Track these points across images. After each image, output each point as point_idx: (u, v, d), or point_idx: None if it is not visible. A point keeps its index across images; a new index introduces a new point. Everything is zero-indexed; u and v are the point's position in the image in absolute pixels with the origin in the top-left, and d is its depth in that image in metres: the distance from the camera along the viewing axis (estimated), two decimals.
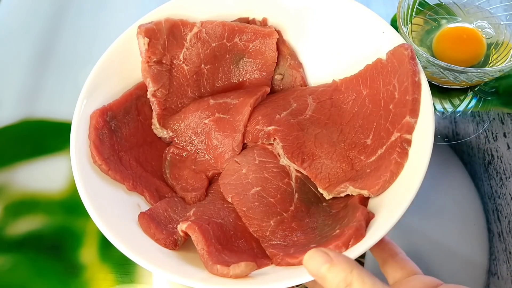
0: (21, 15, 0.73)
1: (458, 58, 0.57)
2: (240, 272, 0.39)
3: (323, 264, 0.33)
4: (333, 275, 0.33)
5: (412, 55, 0.43)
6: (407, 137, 0.42)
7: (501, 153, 0.56)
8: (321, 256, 0.33)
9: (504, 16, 0.59)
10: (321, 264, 0.33)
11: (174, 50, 0.50)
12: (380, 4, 0.68)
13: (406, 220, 0.43)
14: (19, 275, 0.54)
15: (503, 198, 0.54)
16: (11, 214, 0.58)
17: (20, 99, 0.66)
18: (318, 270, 0.33)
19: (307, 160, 0.46)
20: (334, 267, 0.33)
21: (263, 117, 0.48)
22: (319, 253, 0.33)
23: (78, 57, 0.69)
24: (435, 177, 0.55)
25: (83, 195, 0.42)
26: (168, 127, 0.50)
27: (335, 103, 0.49)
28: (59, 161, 0.60)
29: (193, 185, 0.48)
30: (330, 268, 0.33)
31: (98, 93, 0.47)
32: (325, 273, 0.33)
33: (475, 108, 0.60)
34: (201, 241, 0.40)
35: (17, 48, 0.70)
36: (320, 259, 0.33)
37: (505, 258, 0.51)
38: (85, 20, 0.72)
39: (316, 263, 0.33)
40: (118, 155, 0.46)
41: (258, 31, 0.51)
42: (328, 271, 0.33)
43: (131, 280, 0.53)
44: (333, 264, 0.33)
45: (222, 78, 0.53)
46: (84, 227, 0.56)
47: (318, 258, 0.33)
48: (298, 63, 0.53)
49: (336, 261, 0.33)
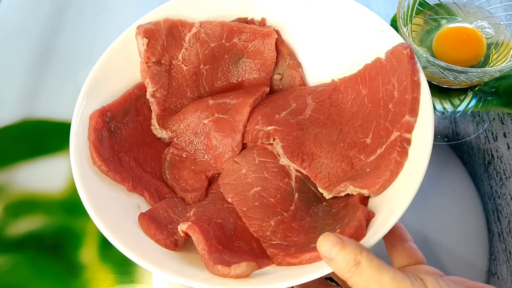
0: (21, 15, 0.73)
1: (458, 58, 0.57)
2: (241, 272, 0.39)
3: (334, 246, 0.35)
4: (343, 256, 0.35)
5: (411, 54, 0.43)
6: (407, 136, 0.42)
7: (501, 153, 0.56)
8: (334, 238, 0.35)
9: (504, 16, 0.59)
10: (333, 246, 0.35)
11: (173, 51, 0.50)
12: (380, 4, 0.68)
13: (406, 220, 0.43)
14: (19, 275, 0.54)
15: (503, 198, 0.54)
16: (11, 214, 0.58)
17: (20, 99, 0.66)
18: (330, 251, 0.35)
19: (307, 160, 0.46)
20: (344, 249, 0.35)
21: (262, 117, 0.48)
22: (332, 236, 0.36)
23: (78, 57, 0.69)
24: (435, 177, 0.55)
25: (83, 196, 0.42)
26: (167, 128, 0.50)
27: (335, 103, 0.49)
28: (59, 161, 0.60)
29: (193, 186, 0.48)
30: (341, 249, 0.35)
31: (97, 94, 0.47)
32: (336, 254, 0.35)
33: (475, 108, 0.60)
34: (201, 242, 0.40)
35: (17, 48, 0.70)
36: (333, 241, 0.35)
37: (505, 258, 0.51)
38: (85, 20, 0.72)
39: (329, 245, 0.35)
40: (118, 155, 0.46)
41: (257, 31, 0.51)
42: (338, 253, 0.35)
43: (131, 280, 0.53)
44: (344, 245, 0.35)
45: (221, 78, 0.53)
46: (84, 227, 0.56)
47: (331, 240, 0.35)
48: (297, 63, 0.53)
49: (347, 243, 0.35)
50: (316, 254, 0.38)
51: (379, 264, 0.34)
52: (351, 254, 0.34)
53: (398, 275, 0.34)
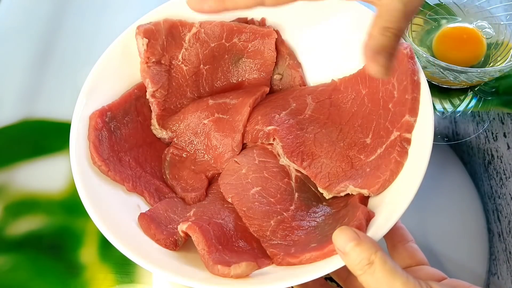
0: (21, 15, 0.73)
1: (458, 58, 0.57)
2: (241, 272, 0.39)
3: (350, 241, 0.34)
4: (358, 253, 0.34)
5: (411, 54, 0.43)
6: (407, 136, 0.42)
7: (501, 153, 0.56)
8: (351, 233, 0.35)
9: (504, 16, 0.59)
10: (349, 240, 0.34)
11: (173, 51, 0.50)
12: None
13: (406, 220, 0.43)
14: (19, 275, 0.54)
15: (503, 198, 0.54)
16: (11, 214, 0.58)
17: (20, 99, 0.66)
18: (345, 245, 0.34)
19: (307, 160, 0.46)
20: (360, 245, 0.34)
21: (262, 117, 0.48)
22: (349, 230, 0.35)
23: (78, 57, 0.68)
24: (435, 177, 0.55)
25: (83, 196, 0.42)
26: (167, 128, 0.50)
27: (334, 103, 0.49)
28: (59, 161, 0.60)
29: (193, 186, 0.48)
30: (356, 245, 0.34)
31: (97, 94, 0.47)
32: (350, 250, 0.34)
33: (475, 108, 0.60)
34: (201, 242, 0.40)
35: (17, 48, 0.70)
36: (350, 235, 0.35)
37: (505, 258, 0.51)
38: (85, 20, 0.72)
39: (345, 239, 0.35)
40: (118, 155, 0.46)
41: (257, 31, 0.51)
42: (353, 249, 0.34)
43: (131, 280, 0.53)
44: (360, 242, 0.34)
45: (221, 78, 0.53)
46: (84, 227, 0.56)
47: (348, 234, 0.35)
48: (297, 63, 0.53)
49: (364, 240, 0.34)
50: (316, 254, 0.38)
51: (392, 267, 0.34)
52: (366, 252, 0.34)
53: (410, 282, 0.34)
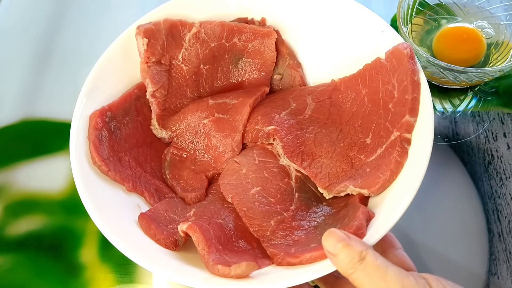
0: (21, 15, 0.73)
1: (458, 58, 0.57)
2: (241, 272, 0.39)
3: (339, 242, 0.35)
4: (348, 252, 0.34)
5: (411, 54, 0.43)
6: (407, 136, 0.42)
7: (501, 153, 0.56)
8: (340, 234, 0.35)
9: (504, 16, 0.59)
10: (338, 241, 0.35)
11: (173, 51, 0.50)
12: (380, 4, 0.68)
13: (406, 220, 0.43)
14: (19, 275, 0.54)
15: (503, 198, 0.54)
16: (11, 214, 0.58)
17: (20, 99, 0.66)
18: (335, 247, 0.35)
19: (307, 160, 0.46)
20: (349, 246, 0.34)
21: (262, 117, 0.48)
22: (338, 232, 0.35)
23: (78, 57, 0.68)
24: (435, 177, 0.55)
25: (83, 196, 0.42)
26: (167, 128, 0.50)
27: (335, 103, 0.49)
28: (59, 161, 0.60)
29: (193, 186, 0.48)
30: (345, 246, 0.34)
31: (97, 94, 0.47)
32: (340, 250, 0.34)
33: (475, 108, 0.60)
34: (201, 242, 0.40)
35: (17, 48, 0.70)
36: (338, 236, 0.35)
37: (505, 258, 0.51)
38: (85, 20, 0.72)
39: (334, 240, 0.35)
40: (118, 155, 0.46)
41: (257, 31, 0.51)
42: (342, 250, 0.34)
43: (131, 280, 0.53)
44: (349, 242, 0.34)
45: (221, 78, 0.53)
46: (84, 227, 0.56)
47: (336, 236, 0.35)
48: (297, 63, 0.53)
49: (353, 240, 0.35)
50: (316, 254, 0.38)
51: (384, 261, 0.34)
52: (356, 250, 0.34)
53: (402, 272, 0.34)
